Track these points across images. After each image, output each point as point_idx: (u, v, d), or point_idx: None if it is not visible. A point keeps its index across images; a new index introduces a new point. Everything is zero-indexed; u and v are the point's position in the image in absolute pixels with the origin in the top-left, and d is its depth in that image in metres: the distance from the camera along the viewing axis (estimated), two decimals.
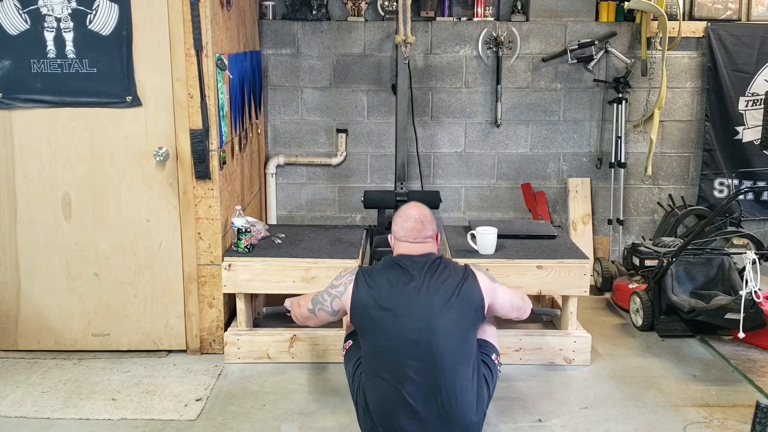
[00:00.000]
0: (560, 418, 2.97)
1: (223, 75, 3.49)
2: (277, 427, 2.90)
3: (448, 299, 2.52)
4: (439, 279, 2.56)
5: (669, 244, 4.13)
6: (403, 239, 2.67)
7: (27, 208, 3.43)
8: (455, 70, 4.69)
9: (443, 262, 2.64)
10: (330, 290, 2.70)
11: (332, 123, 4.78)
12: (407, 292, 2.52)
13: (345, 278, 2.66)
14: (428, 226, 2.67)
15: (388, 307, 2.51)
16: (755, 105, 4.63)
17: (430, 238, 2.68)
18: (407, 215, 2.69)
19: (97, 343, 3.55)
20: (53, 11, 3.25)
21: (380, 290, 2.55)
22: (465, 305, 2.55)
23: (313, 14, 4.61)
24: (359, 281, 2.60)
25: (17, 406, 3.04)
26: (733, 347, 3.66)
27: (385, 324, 2.50)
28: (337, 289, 2.67)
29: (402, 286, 2.54)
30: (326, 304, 2.72)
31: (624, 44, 4.67)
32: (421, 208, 2.73)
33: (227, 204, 3.63)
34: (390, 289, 2.54)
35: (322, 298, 2.73)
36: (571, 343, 3.47)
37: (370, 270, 2.65)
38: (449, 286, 2.55)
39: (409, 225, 2.65)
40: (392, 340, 2.48)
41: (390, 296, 2.52)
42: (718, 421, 2.94)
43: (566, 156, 4.82)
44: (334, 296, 2.68)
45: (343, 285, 2.65)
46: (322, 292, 2.76)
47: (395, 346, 2.48)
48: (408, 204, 2.77)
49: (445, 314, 2.49)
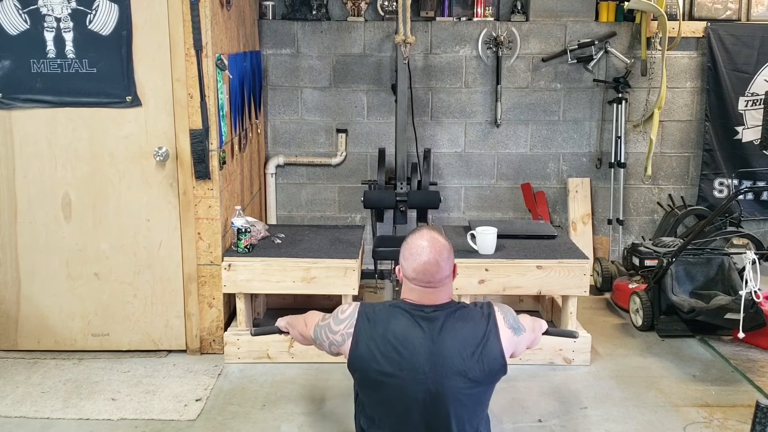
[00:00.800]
0: (560, 418, 2.97)
1: (223, 75, 3.49)
2: (277, 427, 2.90)
3: (463, 364, 2.10)
4: (454, 338, 2.12)
5: (669, 244, 4.13)
6: (414, 281, 2.17)
7: (27, 208, 3.43)
8: (455, 70, 4.69)
9: (461, 315, 2.17)
10: (329, 334, 2.27)
11: (332, 123, 4.78)
12: (415, 355, 2.10)
13: (344, 326, 2.22)
14: (444, 266, 2.15)
15: (391, 373, 2.11)
16: (755, 105, 4.63)
17: (447, 279, 2.18)
18: (419, 252, 2.15)
19: (97, 343, 3.55)
20: (53, 11, 3.25)
21: (383, 351, 2.12)
22: (483, 369, 2.13)
23: (313, 14, 4.62)
24: (359, 335, 2.16)
25: (17, 406, 3.04)
26: (733, 347, 3.66)
27: (387, 389, 2.14)
28: (335, 337, 2.24)
29: (409, 347, 2.11)
30: (325, 345, 2.31)
31: (624, 44, 4.67)
32: (435, 242, 2.16)
33: (227, 204, 3.63)
34: (394, 350, 2.11)
35: (324, 336, 2.30)
36: (571, 343, 3.46)
37: (372, 318, 2.18)
38: (466, 348, 2.12)
39: (421, 267, 2.14)
40: (395, 404, 2.15)
41: (394, 360, 2.11)
42: (718, 421, 2.94)
43: (566, 156, 4.82)
44: (332, 343, 2.26)
45: (341, 335, 2.22)
46: (323, 326, 2.31)
47: (397, 413, 2.16)
48: (420, 234, 2.20)
49: (458, 383, 2.11)
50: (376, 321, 2.17)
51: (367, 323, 2.18)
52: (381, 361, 2.11)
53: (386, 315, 2.18)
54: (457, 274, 2.29)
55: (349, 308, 2.25)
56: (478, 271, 3.41)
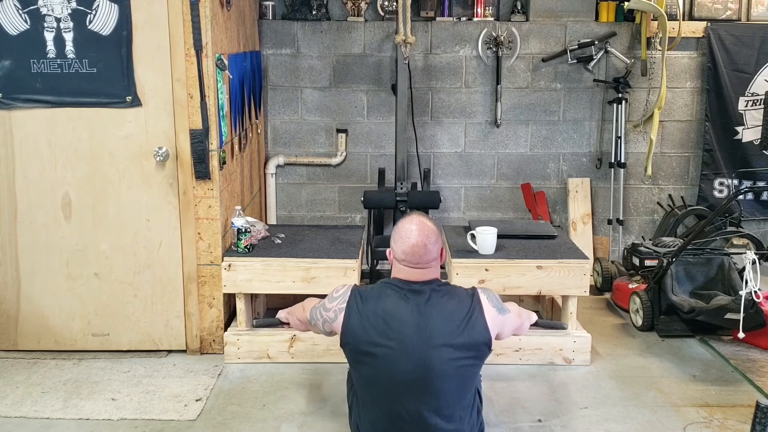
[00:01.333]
0: (560, 418, 2.97)
1: (223, 75, 3.49)
2: (277, 427, 2.90)
3: (450, 337, 2.24)
4: (441, 312, 2.27)
5: (669, 244, 4.13)
6: (403, 262, 2.33)
7: (27, 208, 3.43)
8: (455, 70, 4.69)
9: (447, 291, 2.34)
10: (322, 312, 2.44)
11: (332, 123, 4.78)
12: (403, 326, 2.24)
13: (336, 303, 2.38)
14: (432, 248, 2.32)
15: (380, 342, 2.24)
16: (755, 105, 4.63)
17: (434, 261, 2.34)
18: (408, 235, 2.32)
19: (97, 343, 3.55)
20: (53, 11, 3.25)
21: (373, 323, 2.26)
22: (468, 343, 2.26)
23: (313, 14, 4.62)
24: (351, 310, 2.31)
25: (17, 406, 3.04)
26: (733, 347, 3.66)
27: (376, 361, 2.25)
28: (329, 314, 2.40)
29: (398, 319, 2.25)
30: (320, 323, 2.48)
31: (624, 44, 4.67)
32: (423, 226, 2.33)
33: (227, 204, 3.63)
34: (384, 323, 2.25)
35: (318, 315, 2.48)
36: (571, 343, 3.47)
37: (364, 295, 2.35)
38: (452, 321, 2.26)
39: (410, 249, 2.30)
40: (384, 377, 2.26)
41: (383, 331, 2.24)
42: (718, 421, 2.94)
43: (566, 156, 4.82)
44: (326, 320, 2.43)
45: (333, 311, 2.38)
46: (318, 306, 2.50)
47: (388, 384, 2.27)
48: (410, 218, 2.37)
49: (444, 353, 2.23)
50: (367, 297, 2.33)
51: (359, 299, 2.34)
52: (371, 333, 2.25)
53: (376, 291, 2.34)
54: (444, 258, 2.46)
55: (342, 288, 2.43)
56: (478, 271, 3.41)
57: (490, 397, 3.10)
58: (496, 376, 3.30)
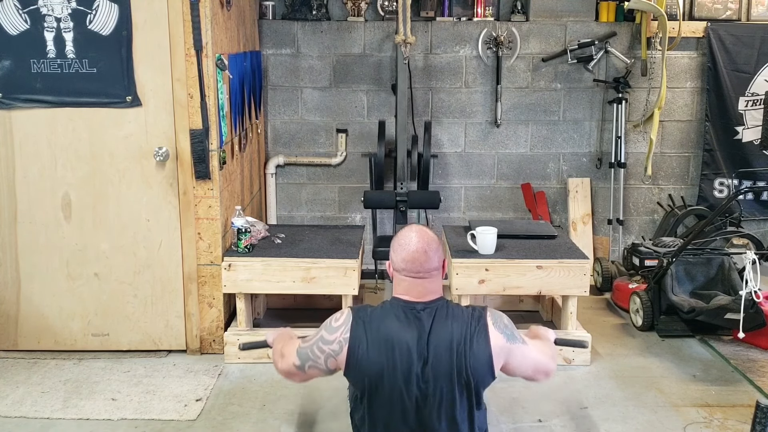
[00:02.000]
0: (560, 418, 2.97)
1: (223, 75, 3.49)
2: (277, 427, 2.90)
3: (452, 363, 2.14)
4: (444, 338, 2.16)
5: (669, 244, 4.13)
6: (403, 272, 2.22)
7: (27, 208, 3.43)
8: (455, 70, 4.69)
9: (450, 313, 2.22)
10: (322, 346, 2.23)
11: (332, 123, 4.78)
12: (407, 354, 2.14)
13: (339, 333, 2.21)
14: (433, 256, 2.21)
15: (385, 374, 2.14)
16: (755, 105, 4.63)
17: (435, 270, 2.23)
18: (407, 243, 2.22)
19: (97, 343, 3.55)
20: (53, 11, 3.25)
21: (379, 355, 2.14)
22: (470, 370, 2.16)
23: (313, 14, 4.62)
24: (355, 340, 2.17)
25: (17, 406, 3.04)
26: (733, 347, 3.66)
27: (381, 390, 2.17)
28: (331, 347, 2.21)
29: (402, 345, 2.14)
30: (319, 361, 2.25)
31: (624, 44, 4.67)
32: (423, 234, 2.24)
33: (227, 204, 3.63)
34: (388, 350, 2.14)
35: (314, 354, 2.25)
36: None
37: (367, 320, 2.20)
38: (454, 345, 2.15)
39: (410, 256, 2.19)
40: (389, 408, 2.18)
41: (388, 361, 2.14)
42: (718, 421, 2.94)
43: (566, 156, 4.82)
44: (329, 354, 2.22)
45: (337, 343, 2.20)
46: (311, 344, 2.27)
47: (392, 414, 2.19)
48: (408, 228, 2.29)
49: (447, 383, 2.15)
50: (370, 323, 2.19)
51: (362, 326, 2.19)
52: (376, 364, 2.14)
53: (379, 315, 2.21)
54: (446, 271, 2.32)
55: (342, 315, 2.25)
56: (478, 271, 3.41)
57: (490, 397, 3.09)
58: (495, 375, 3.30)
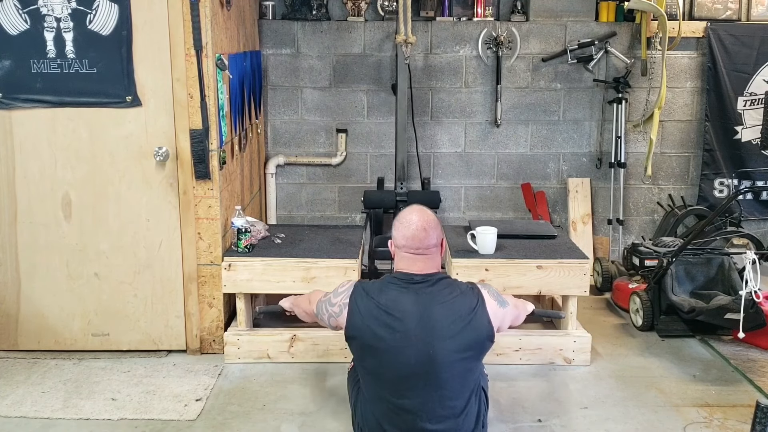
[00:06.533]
0: (560, 418, 2.97)
1: (223, 75, 3.49)
2: (277, 427, 2.90)
3: (454, 329, 2.29)
4: (443, 305, 2.32)
5: (669, 244, 4.13)
6: (404, 248, 2.39)
7: (27, 208, 3.43)
8: (455, 70, 4.70)
9: (448, 283, 2.39)
10: (328, 307, 2.48)
11: (332, 123, 4.78)
12: (406, 318, 2.29)
13: (341, 298, 2.43)
14: (432, 233, 2.38)
15: (384, 336, 2.29)
16: (753, 105, 4.63)
17: (434, 247, 2.40)
18: (408, 222, 2.39)
19: (97, 343, 3.55)
20: (53, 11, 3.25)
21: (376, 316, 2.31)
22: (472, 337, 2.31)
23: (313, 14, 4.62)
24: (354, 305, 2.37)
25: (17, 406, 3.04)
26: (733, 347, 3.66)
27: (381, 354, 2.30)
28: (334, 309, 2.45)
29: (400, 311, 2.30)
30: (325, 317, 2.51)
31: (624, 44, 4.68)
32: (423, 213, 2.42)
33: (227, 204, 3.63)
34: (387, 316, 2.30)
35: (324, 309, 2.51)
36: (571, 343, 3.47)
37: (368, 289, 2.40)
38: (456, 314, 2.30)
39: (410, 233, 2.36)
40: (389, 370, 2.31)
41: (387, 324, 2.29)
42: (718, 421, 2.94)
43: (566, 156, 4.82)
44: (331, 315, 2.46)
45: (338, 306, 2.42)
46: (324, 300, 2.52)
47: (392, 376, 2.31)
48: (409, 208, 2.46)
49: (448, 345, 2.28)
50: (370, 291, 2.38)
51: (362, 293, 2.38)
52: (375, 326, 2.30)
53: (379, 285, 2.40)
54: (444, 249, 2.52)
55: (346, 283, 2.48)
56: (478, 271, 3.41)
57: (491, 397, 3.09)
58: (496, 376, 3.30)
